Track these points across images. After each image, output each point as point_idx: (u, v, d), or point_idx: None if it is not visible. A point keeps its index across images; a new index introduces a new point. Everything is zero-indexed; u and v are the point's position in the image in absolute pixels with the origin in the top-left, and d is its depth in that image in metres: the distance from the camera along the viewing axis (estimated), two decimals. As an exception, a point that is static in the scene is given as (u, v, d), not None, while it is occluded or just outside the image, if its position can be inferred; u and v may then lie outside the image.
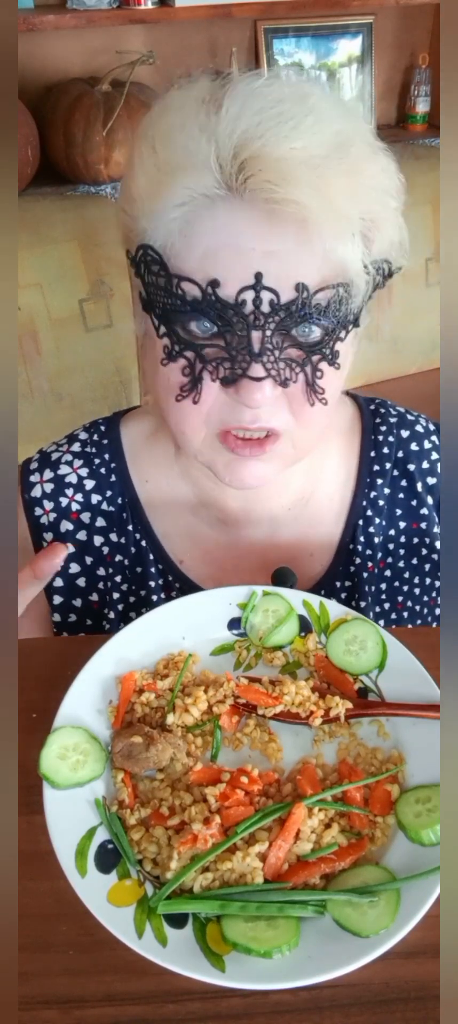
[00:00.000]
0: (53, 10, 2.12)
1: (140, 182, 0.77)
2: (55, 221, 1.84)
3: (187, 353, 0.78)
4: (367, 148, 0.75)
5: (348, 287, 0.76)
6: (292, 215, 0.70)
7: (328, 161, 0.70)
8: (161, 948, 0.56)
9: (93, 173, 2.08)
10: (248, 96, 0.72)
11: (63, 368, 1.87)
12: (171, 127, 0.75)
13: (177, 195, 0.73)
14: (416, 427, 1.01)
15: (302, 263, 0.73)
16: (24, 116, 2.00)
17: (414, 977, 0.57)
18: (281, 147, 0.69)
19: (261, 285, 0.72)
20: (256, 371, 0.75)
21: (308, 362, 0.78)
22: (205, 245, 0.73)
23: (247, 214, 0.72)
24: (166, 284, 0.76)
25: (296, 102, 0.72)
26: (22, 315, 1.80)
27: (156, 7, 2.18)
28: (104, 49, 2.24)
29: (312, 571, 0.97)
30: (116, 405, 1.95)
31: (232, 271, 0.73)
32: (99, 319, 1.88)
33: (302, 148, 0.69)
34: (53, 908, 0.60)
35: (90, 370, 1.91)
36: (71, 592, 0.98)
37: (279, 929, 0.57)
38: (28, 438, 1.82)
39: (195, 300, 0.74)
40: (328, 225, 0.71)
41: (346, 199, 0.72)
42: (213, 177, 0.71)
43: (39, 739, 0.67)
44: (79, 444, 0.99)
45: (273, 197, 0.69)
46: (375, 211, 0.75)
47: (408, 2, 2.52)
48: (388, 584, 1.01)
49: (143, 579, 0.97)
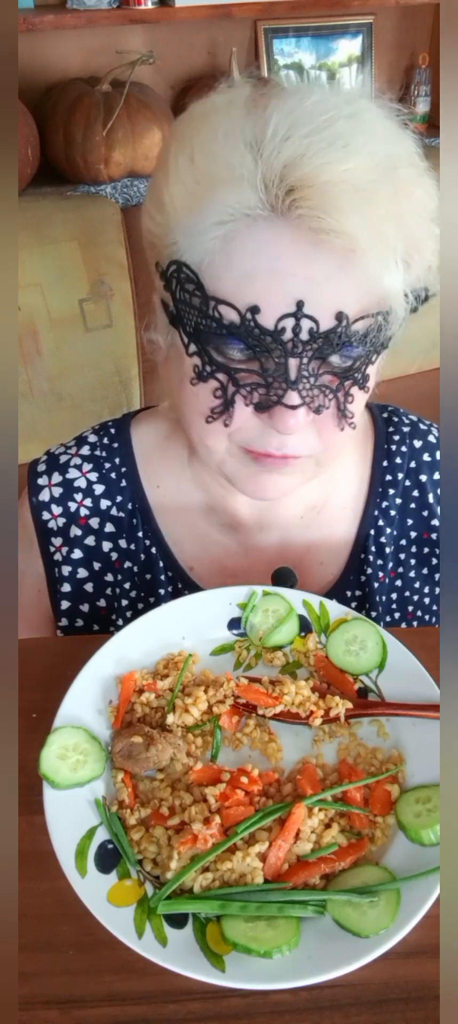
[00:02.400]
0: (53, 10, 2.12)
1: (175, 192, 0.73)
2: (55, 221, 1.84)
3: (219, 375, 0.75)
4: (414, 171, 0.73)
5: (387, 315, 0.74)
6: (337, 243, 0.68)
7: (376, 186, 0.68)
8: (161, 948, 0.56)
9: (93, 173, 2.08)
10: (297, 113, 0.68)
11: (63, 368, 1.87)
12: (213, 137, 0.71)
13: (217, 212, 0.70)
14: (428, 437, 1.00)
15: (343, 291, 0.71)
16: (24, 116, 2.00)
17: (414, 977, 0.57)
18: (330, 172, 0.66)
19: (302, 313, 0.70)
20: (292, 399, 0.73)
21: (341, 387, 0.76)
22: (245, 267, 0.71)
23: (290, 237, 0.69)
24: (201, 305, 0.73)
25: (347, 121, 0.69)
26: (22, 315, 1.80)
27: (156, 7, 2.18)
28: (104, 49, 2.24)
29: (323, 579, 0.97)
30: (116, 405, 1.95)
31: (272, 297, 0.70)
32: (99, 319, 1.87)
33: (351, 171, 0.66)
34: (53, 908, 0.60)
35: (90, 370, 1.90)
36: (79, 597, 0.97)
37: (279, 929, 0.57)
38: (28, 438, 1.82)
39: (232, 324, 0.72)
40: (374, 254, 0.69)
41: (392, 226, 0.69)
42: (257, 196, 0.68)
43: (39, 739, 0.67)
44: (88, 447, 0.97)
45: (320, 225, 0.67)
46: (417, 236, 0.73)
47: (408, 2, 2.52)
48: (398, 593, 1.00)
49: (152, 585, 0.96)
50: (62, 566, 0.96)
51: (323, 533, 0.97)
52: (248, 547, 0.97)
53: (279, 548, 0.96)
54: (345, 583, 0.97)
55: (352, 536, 0.98)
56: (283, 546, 0.97)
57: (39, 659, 0.80)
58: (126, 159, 2.07)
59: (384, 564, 0.98)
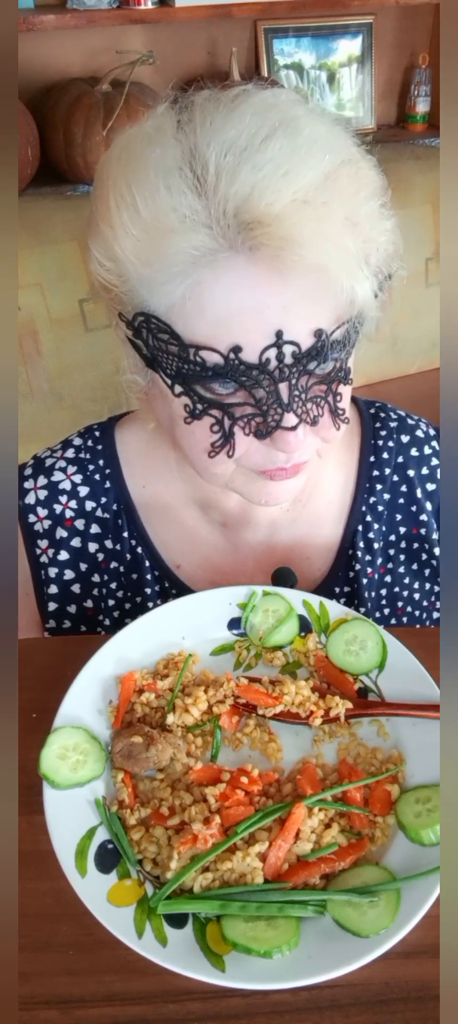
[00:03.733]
0: (53, 10, 2.12)
1: (125, 246, 0.71)
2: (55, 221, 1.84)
3: (213, 411, 0.76)
4: (355, 167, 0.73)
5: (361, 316, 0.75)
6: (301, 265, 0.68)
7: (325, 196, 0.68)
8: (161, 948, 0.56)
9: (93, 173, 2.07)
10: (234, 145, 0.67)
11: (63, 368, 1.87)
12: (152, 183, 0.69)
13: (176, 262, 0.69)
14: (416, 432, 1.00)
15: (319, 309, 0.72)
16: (24, 116, 2.00)
17: (414, 977, 0.57)
18: (280, 201, 0.66)
19: (283, 340, 0.71)
20: (289, 421, 0.74)
21: (329, 391, 0.78)
22: (219, 311, 0.71)
23: (257, 272, 0.69)
24: (180, 351, 0.73)
25: (284, 139, 0.68)
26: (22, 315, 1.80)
27: (156, 7, 2.18)
28: (104, 49, 2.24)
29: (311, 575, 0.97)
30: (116, 405, 1.95)
31: (252, 333, 0.71)
32: (99, 319, 1.87)
33: (300, 191, 0.66)
34: (53, 908, 0.60)
35: (90, 370, 1.90)
36: (66, 599, 0.97)
37: (279, 929, 0.57)
38: (28, 438, 1.82)
39: (217, 366, 0.72)
40: (341, 269, 0.69)
41: (348, 233, 0.70)
42: (213, 239, 0.68)
43: (39, 739, 0.67)
44: (73, 450, 0.98)
45: (284, 258, 0.67)
46: (371, 230, 0.73)
47: (408, 2, 2.52)
48: (388, 589, 1.00)
49: (139, 585, 0.96)
50: (48, 568, 0.96)
51: (310, 529, 0.98)
52: (235, 543, 0.97)
53: (266, 543, 0.97)
54: (333, 579, 0.97)
55: (340, 532, 0.98)
56: (270, 541, 0.97)
57: (39, 659, 0.80)
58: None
59: (373, 560, 0.98)
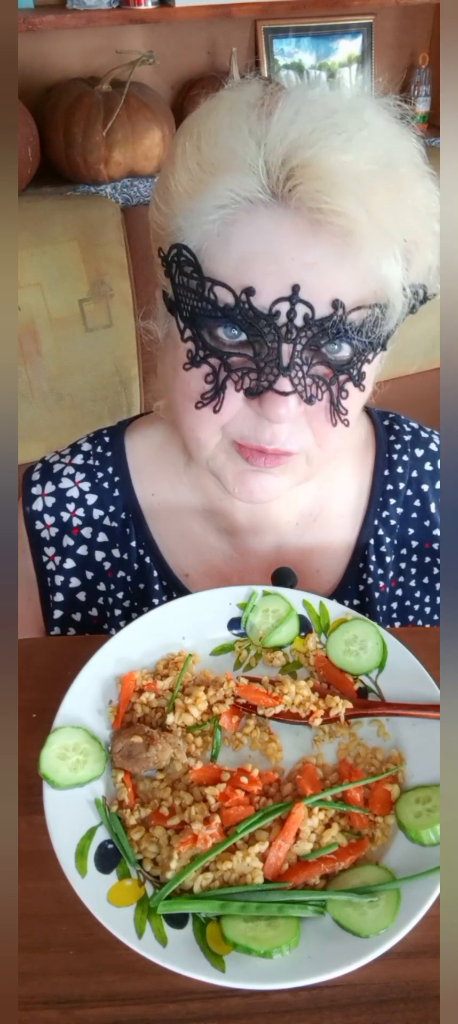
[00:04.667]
0: (53, 10, 2.12)
1: (180, 178, 0.74)
2: (55, 221, 1.84)
3: (212, 360, 0.76)
4: (414, 169, 0.74)
5: (384, 308, 0.74)
6: (336, 227, 0.68)
7: (376, 177, 0.68)
8: (161, 948, 0.56)
9: (93, 173, 2.08)
10: (301, 104, 0.70)
11: (63, 368, 1.87)
12: (219, 126, 0.72)
13: (219, 196, 0.71)
14: (430, 445, 1.00)
15: (341, 279, 0.71)
16: (24, 116, 2.00)
17: (414, 977, 0.57)
18: (331, 158, 0.67)
19: (297, 298, 0.70)
20: (283, 385, 0.73)
21: (335, 381, 0.76)
22: (242, 250, 0.71)
23: (290, 222, 0.70)
24: (198, 287, 0.74)
25: (349, 115, 0.70)
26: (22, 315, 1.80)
27: (156, 7, 2.18)
28: (104, 49, 2.24)
29: (320, 587, 0.96)
30: (116, 405, 1.95)
31: (268, 280, 0.71)
32: (99, 319, 1.87)
33: (352, 162, 0.67)
34: (53, 908, 0.60)
35: (90, 370, 1.90)
36: (71, 607, 0.97)
37: (279, 929, 0.57)
38: (28, 438, 1.82)
39: (227, 306, 0.73)
40: (372, 240, 0.69)
41: (391, 217, 0.70)
42: (259, 181, 0.69)
43: (39, 739, 0.67)
44: (82, 456, 0.97)
45: (319, 207, 0.68)
46: (417, 232, 0.73)
47: (408, 2, 2.52)
48: (399, 603, 1.00)
49: (146, 595, 0.96)
50: (55, 575, 0.96)
51: (320, 540, 0.97)
52: (243, 553, 0.96)
53: (275, 554, 0.96)
54: (344, 591, 0.96)
55: (351, 544, 0.97)
56: (279, 552, 0.96)
57: (39, 659, 0.80)
58: (126, 159, 2.07)
59: (384, 573, 0.97)
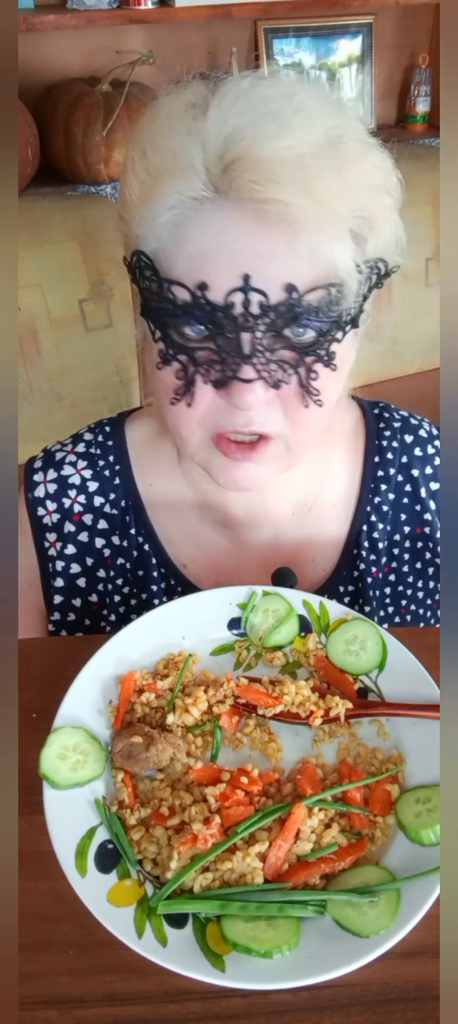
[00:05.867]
0: (53, 10, 2.12)
1: (132, 187, 0.77)
2: (55, 221, 1.84)
3: (180, 357, 0.77)
4: (359, 145, 0.74)
5: (340, 287, 0.74)
6: (279, 215, 0.69)
7: (317, 159, 0.69)
8: (161, 948, 0.56)
9: (93, 173, 2.08)
10: (235, 97, 0.71)
11: (63, 368, 1.87)
12: (160, 132, 0.75)
13: (166, 199, 0.73)
14: (420, 432, 1.01)
15: (291, 264, 0.72)
16: (24, 116, 2.00)
17: (414, 977, 0.57)
18: (267, 146, 0.68)
19: (249, 286, 0.72)
20: (246, 373, 0.74)
21: (302, 363, 0.76)
22: (193, 248, 0.73)
23: (236, 214, 0.71)
24: (158, 288, 0.76)
25: (284, 101, 0.71)
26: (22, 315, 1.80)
27: (156, 7, 2.18)
28: (104, 49, 2.24)
29: (315, 576, 0.97)
30: (116, 405, 1.95)
31: (220, 273, 0.72)
32: (99, 319, 1.88)
33: (290, 147, 0.68)
34: (53, 908, 0.60)
35: (90, 370, 1.90)
36: (71, 592, 0.98)
37: (279, 929, 0.57)
38: (28, 438, 1.81)
39: (185, 303, 0.74)
40: (315, 224, 0.70)
41: (336, 197, 0.71)
42: (200, 180, 0.71)
43: (39, 739, 0.67)
44: (84, 444, 0.98)
45: (259, 197, 0.69)
46: (368, 209, 0.74)
47: (408, 2, 2.52)
48: (392, 588, 1.01)
49: (145, 583, 0.97)
50: (56, 561, 0.97)
51: (315, 530, 0.98)
52: (241, 544, 0.97)
53: (271, 545, 0.97)
54: (338, 579, 0.97)
55: (344, 533, 0.98)
56: (275, 543, 0.97)
57: (39, 659, 0.80)
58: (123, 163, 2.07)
59: (377, 560, 0.98)
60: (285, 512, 0.97)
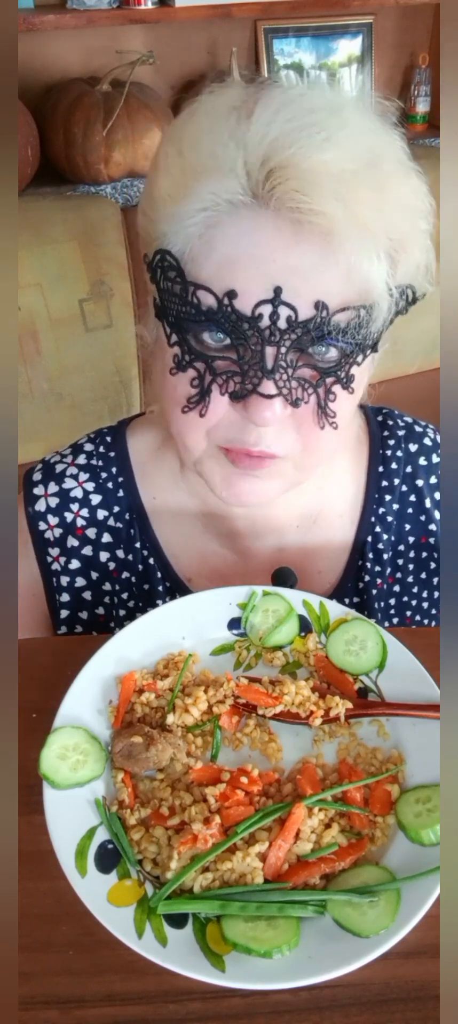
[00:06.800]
0: (53, 10, 2.12)
1: (163, 184, 0.74)
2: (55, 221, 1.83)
3: (197, 364, 0.75)
4: (399, 167, 0.73)
5: (370, 309, 0.73)
6: (317, 228, 0.68)
7: (357, 176, 0.68)
8: (161, 948, 0.56)
9: (93, 173, 2.08)
10: (281, 104, 0.69)
11: (63, 368, 1.87)
12: (200, 131, 0.72)
13: (200, 199, 0.70)
14: (424, 440, 0.99)
15: (324, 280, 0.71)
16: (24, 116, 2.00)
17: (414, 977, 0.57)
18: (311, 158, 0.66)
19: (279, 300, 0.70)
20: (267, 388, 0.72)
21: (321, 383, 0.75)
22: (224, 253, 0.71)
23: (271, 223, 0.69)
24: (181, 291, 0.74)
25: (330, 113, 0.69)
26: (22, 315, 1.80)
27: (156, 7, 2.18)
28: (104, 49, 2.24)
29: (320, 587, 0.96)
30: (116, 405, 1.95)
31: (250, 282, 0.70)
32: (99, 319, 1.87)
33: (332, 161, 0.67)
34: (53, 908, 0.60)
35: (90, 370, 1.90)
36: (77, 606, 0.97)
37: (279, 929, 0.57)
38: (28, 438, 1.82)
39: (210, 310, 0.72)
40: (353, 240, 0.68)
41: (373, 215, 0.69)
42: (239, 183, 0.69)
43: (39, 739, 0.67)
44: (84, 456, 0.96)
45: (299, 207, 0.67)
46: (403, 231, 0.73)
47: (408, 2, 2.52)
48: (397, 599, 1.00)
49: (150, 596, 0.96)
50: (60, 576, 0.96)
51: (320, 540, 0.97)
52: (245, 556, 0.96)
53: (277, 557, 0.96)
54: (343, 590, 0.96)
55: (349, 543, 0.97)
56: (280, 554, 0.96)
57: (39, 659, 0.80)
58: (126, 159, 2.07)
59: (382, 570, 0.97)
60: (290, 523, 0.96)
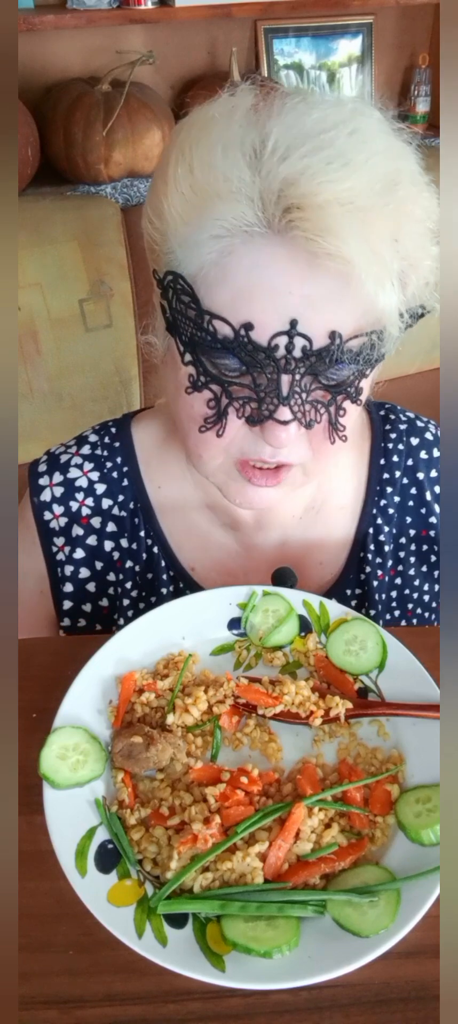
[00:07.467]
0: (53, 10, 2.12)
1: (173, 201, 0.72)
2: (55, 221, 1.84)
3: (213, 386, 0.76)
4: (414, 189, 0.72)
5: (381, 333, 0.74)
6: (334, 263, 0.67)
7: (374, 206, 0.67)
8: (161, 948, 0.56)
9: (93, 173, 2.08)
10: (297, 130, 0.68)
11: (63, 368, 1.87)
12: (212, 149, 0.70)
13: (214, 226, 0.69)
14: (425, 434, 1.00)
15: (339, 311, 0.71)
16: (24, 116, 2.00)
17: (414, 977, 0.57)
18: (328, 191, 0.65)
19: (295, 332, 0.70)
20: (283, 414, 0.73)
21: (333, 402, 0.76)
22: (240, 283, 0.70)
23: (287, 256, 0.69)
24: (196, 317, 0.73)
25: (347, 137, 0.68)
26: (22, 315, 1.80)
27: (156, 7, 2.18)
28: (104, 49, 2.24)
29: (322, 579, 0.97)
30: (116, 405, 1.95)
31: (267, 314, 0.70)
32: (99, 319, 1.87)
33: (349, 189, 0.66)
34: (53, 908, 0.60)
35: (90, 370, 1.90)
36: (81, 597, 0.97)
37: (279, 929, 0.57)
38: (28, 438, 1.82)
39: (226, 339, 0.72)
40: (370, 275, 0.68)
41: (389, 247, 0.69)
42: (254, 213, 0.68)
43: (39, 739, 0.67)
44: (89, 447, 0.97)
45: (317, 248, 0.66)
46: (414, 256, 0.72)
47: (408, 2, 2.52)
48: (398, 591, 1.00)
49: (154, 585, 0.96)
50: (64, 566, 0.96)
51: (322, 533, 0.98)
52: (248, 547, 0.97)
53: (279, 548, 0.97)
54: (345, 582, 0.97)
55: (351, 535, 0.98)
56: (283, 546, 0.97)
57: (39, 659, 0.80)
58: (126, 159, 2.08)
59: (383, 562, 0.98)
60: (293, 515, 0.97)
